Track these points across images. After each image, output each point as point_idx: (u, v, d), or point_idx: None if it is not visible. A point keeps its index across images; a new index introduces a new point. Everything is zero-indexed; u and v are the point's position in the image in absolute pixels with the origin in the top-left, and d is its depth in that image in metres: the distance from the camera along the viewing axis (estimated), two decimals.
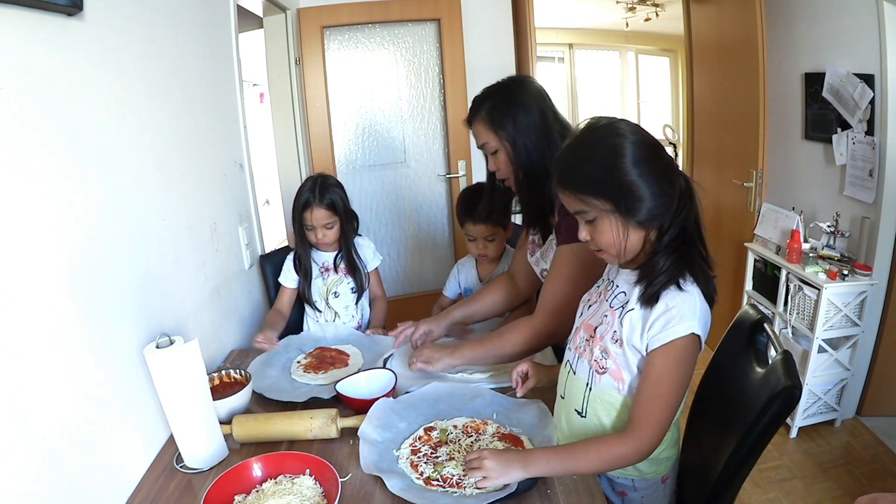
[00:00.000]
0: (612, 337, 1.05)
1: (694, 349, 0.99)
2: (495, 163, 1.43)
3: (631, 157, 0.96)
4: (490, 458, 1.00)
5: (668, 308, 0.98)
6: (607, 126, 1.02)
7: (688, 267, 0.99)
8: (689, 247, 1.00)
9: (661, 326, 0.98)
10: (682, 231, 1.00)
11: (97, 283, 1.06)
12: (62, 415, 0.93)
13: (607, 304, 1.09)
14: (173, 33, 1.51)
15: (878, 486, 2.09)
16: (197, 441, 1.16)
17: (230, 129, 1.95)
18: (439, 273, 3.25)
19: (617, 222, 0.99)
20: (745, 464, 1.03)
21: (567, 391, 1.16)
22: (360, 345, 1.71)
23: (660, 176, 0.98)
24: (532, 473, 1.00)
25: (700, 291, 1.00)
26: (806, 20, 2.51)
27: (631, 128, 1.01)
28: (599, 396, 1.08)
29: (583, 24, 6.20)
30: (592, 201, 0.99)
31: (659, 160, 0.99)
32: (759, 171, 2.79)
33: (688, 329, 0.97)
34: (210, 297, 1.63)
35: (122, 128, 1.21)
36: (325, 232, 1.81)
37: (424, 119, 3.13)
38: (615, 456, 1.00)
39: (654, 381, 0.99)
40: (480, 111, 1.39)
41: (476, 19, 3.05)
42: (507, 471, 0.99)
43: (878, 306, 2.34)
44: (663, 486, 1.16)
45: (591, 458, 1.01)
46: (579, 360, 1.13)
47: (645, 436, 0.98)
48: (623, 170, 0.96)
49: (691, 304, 0.98)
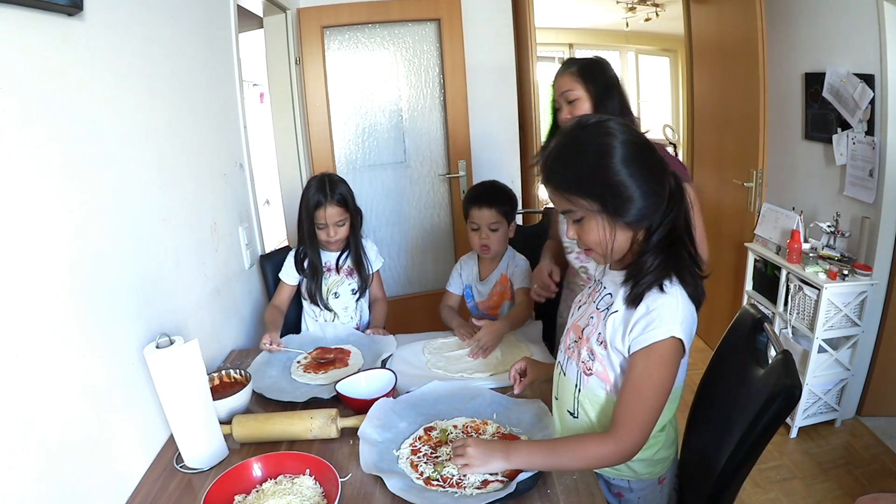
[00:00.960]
0: (598, 339, 1.05)
1: (675, 352, 0.98)
2: (571, 111, 1.54)
3: (620, 157, 0.95)
4: (473, 447, 1.01)
5: (649, 310, 0.97)
6: (596, 125, 1.00)
7: (676, 268, 0.99)
8: (678, 247, 1.00)
9: (641, 329, 0.97)
10: (670, 231, 0.99)
11: (97, 282, 1.06)
12: (62, 415, 0.93)
13: (594, 306, 1.09)
14: (173, 33, 1.51)
15: (878, 486, 2.09)
16: (197, 441, 1.16)
17: (230, 129, 1.95)
18: (440, 273, 3.25)
19: (604, 222, 0.98)
20: (745, 464, 1.03)
21: (560, 392, 1.17)
22: (359, 345, 1.71)
23: (649, 176, 0.96)
24: (513, 465, 1.01)
25: (685, 293, 0.99)
26: (806, 20, 2.51)
27: (621, 127, 0.99)
28: (588, 397, 1.09)
29: (583, 24, 6.20)
30: (579, 201, 0.98)
31: (649, 160, 0.98)
32: (759, 171, 2.79)
33: (668, 332, 0.96)
34: (210, 297, 1.63)
35: (122, 128, 1.21)
36: (337, 229, 1.81)
37: (424, 119, 3.13)
38: (597, 455, 1.00)
39: (635, 384, 0.99)
40: (572, 67, 1.58)
41: (476, 19, 3.05)
42: (488, 459, 1.00)
43: (878, 306, 2.34)
44: (660, 487, 1.16)
45: (573, 455, 1.01)
46: (569, 361, 1.13)
47: (627, 437, 0.98)
48: (612, 170, 0.95)
49: (672, 307, 0.97)
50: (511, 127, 3.26)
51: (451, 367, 1.54)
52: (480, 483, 1.04)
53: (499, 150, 3.26)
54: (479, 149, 3.18)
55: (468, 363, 1.56)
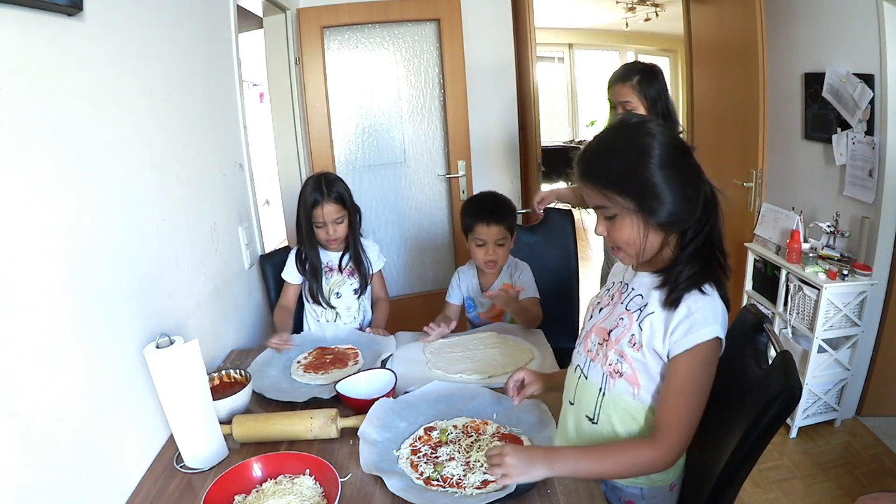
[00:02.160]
0: (630, 340, 1.03)
1: (717, 353, 0.99)
2: None
3: (659, 159, 0.95)
4: (512, 455, 0.95)
5: (692, 312, 0.96)
6: (638, 124, 1.01)
7: (709, 276, 0.99)
8: (711, 257, 1.00)
9: (684, 331, 0.96)
10: (705, 242, 0.99)
11: (97, 283, 1.06)
12: (62, 415, 0.93)
13: (623, 307, 1.07)
14: (173, 33, 1.51)
15: (878, 486, 2.09)
16: (197, 441, 1.16)
17: (230, 129, 1.95)
18: (439, 273, 3.25)
19: (638, 222, 0.98)
20: (746, 464, 1.03)
21: (578, 397, 1.13)
22: (359, 345, 1.71)
23: (686, 181, 0.96)
24: (557, 473, 0.98)
25: (720, 297, 1.00)
26: (806, 20, 2.51)
27: (662, 129, 0.99)
28: (613, 402, 1.06)
29: (583, 24, 6.21)
30: (615, 197, 0.98)
31: (687, 165, 0.98)
32: (759, 171, 2.79)
33: (711, 333, 0.96)
34: (210, 297, 1.63)
35: (122, 128, 1.21)
36: (336, 227, 1.82)
37: (424, 119, 3.13)
38: (643, 461, 0.97)
39: (681, 387, 0.97)
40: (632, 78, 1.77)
41: (476, 19, 3.05)
42: (529, 469, 0.94)
43: (877, 306, 2.34)
44: (671, 493, 1.14)
45: (618, 461, 0.99)
46: (591, 364, 1.10)
47: (673, 442, 0.97)
48: (649, 170, 0.95)
49: (714, 308, 0.97)
50: (511, 127, 3.26)
51: (451, 367, 1.54)
52: (480, 483, 1.04)
53: (498, 150, 3.26)
54: (479, 149, 3.18)
55: (468, 363, 1.56)
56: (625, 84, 1.76)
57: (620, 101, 1.76)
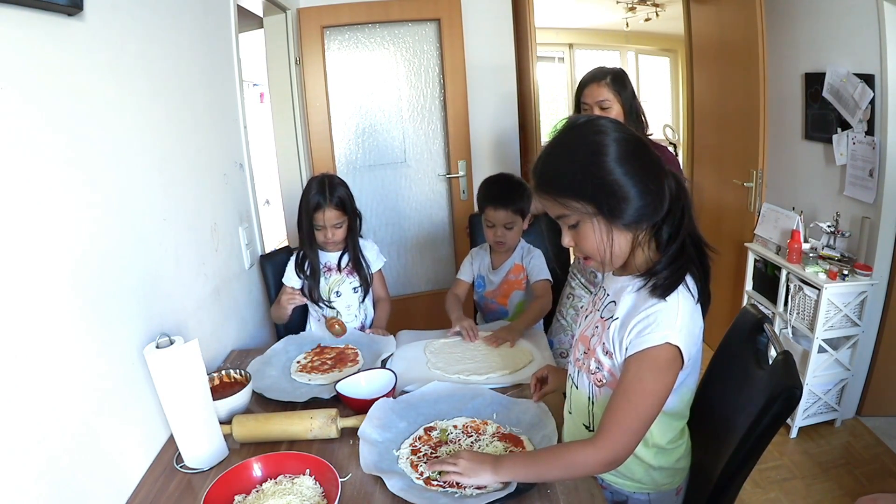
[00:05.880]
0: (603, 349, 1.02)
1: (670, 359, 0.94)
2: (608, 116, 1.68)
3: (613, 155, 0.90)
4: (466, 458, 1.01)
5: (647, 316, 0.94)
6: (587, 123, 0.97)
7: (688, 271, 0.97)
8: (689, 251, 0.97)
9: (637, 333, 0.94)
10: (682, 241, 0.96)
11: (97, 282, 1.06)
12: (62, 415, 0.93)
13: (598, 315, 1.06)
14: (173, 33, 1.51)
15: (878, 486, 2.09)
16: (197, 441, 1.16)
17: (230, 129, 1.95)
18: (439, 273, 3.25)
19: (600, 225, 0.94)
20: (746, 464, 1.03)
21: (574, 406, 1.13)
22: (359, 345, 1.71)
23: (646, 174, 0.92)
24: (501, 477, 1.00)
25: (691, 300, 0.96)
26: (806, 20, 2.51)
27: (614, 125, 0.95)
28: (601, 410, 1.04)
29: (583, 24, 6.21)
30: (573, 204, 0.93)
31: (644, 157, 0.94)
32: (759, 171, 2.78)
33: (662, 338, 0.92)
34: (210, 297, 1.63)
35: (122, 128, 1.21)
36: (335, 231, 1.83)
37: (424, 119, 3.13)
38: (581, 462, 0.96)
39: (625, 389, 0.95)
40: (606, 77, 1.75)
41: (476, 19, 3.05)
42: (477, 472, 1.00)
43: (878, 306, 2.34)
44: (677, 497, 1.13)
45: (556, 463, 0.98)
46: (580, 374, 1.10)
47: (612, 443, 0.94)
48: (605, 168, 0.90)
49: (671, 314, 0.93)
50: (511, 127, 3.26)
51: (451, 367, 1.54)
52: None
53: (498, 150, 3.26)
54: (479, 149, 3.18)
55: (468, 364, 1.56)
56: (601, 83, 1.74)
57: (597, 101, 1.73)
